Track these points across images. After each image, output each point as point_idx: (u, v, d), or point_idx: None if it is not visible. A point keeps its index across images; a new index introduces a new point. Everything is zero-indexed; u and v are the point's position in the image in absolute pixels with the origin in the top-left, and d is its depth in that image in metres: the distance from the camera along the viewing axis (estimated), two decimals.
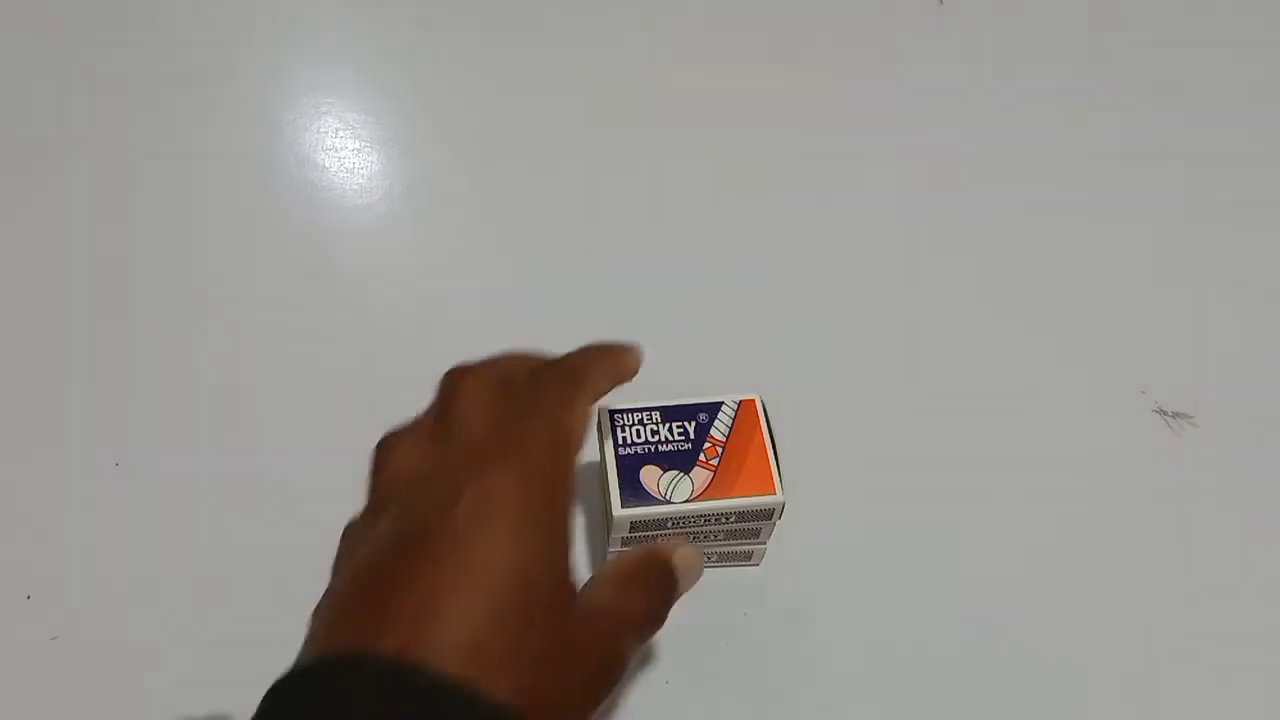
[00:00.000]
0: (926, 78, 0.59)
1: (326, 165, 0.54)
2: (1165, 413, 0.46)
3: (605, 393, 0.32)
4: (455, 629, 0.24)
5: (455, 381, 0.31)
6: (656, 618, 0.30)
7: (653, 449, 0.37)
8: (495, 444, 0.28)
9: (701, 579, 0.32)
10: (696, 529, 0.37)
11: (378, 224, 0.52)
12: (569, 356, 0.32)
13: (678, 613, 0.40)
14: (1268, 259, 0.52)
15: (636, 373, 0.34)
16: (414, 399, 0.43)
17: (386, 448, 0.30)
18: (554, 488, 0.27)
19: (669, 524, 0.37)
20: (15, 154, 0.53)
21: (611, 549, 0.38)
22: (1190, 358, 0.48)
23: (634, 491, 0.36)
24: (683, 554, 0.31)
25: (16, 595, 0.39)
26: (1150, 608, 0.41)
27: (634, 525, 0.36)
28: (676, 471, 0.37)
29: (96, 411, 0.44)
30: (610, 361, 0.33)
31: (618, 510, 0.36)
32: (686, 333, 0.48)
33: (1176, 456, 0.45)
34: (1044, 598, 0.41)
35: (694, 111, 0.57)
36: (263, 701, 0.23)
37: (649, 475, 0.36)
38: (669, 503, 0.36)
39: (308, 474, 0.42)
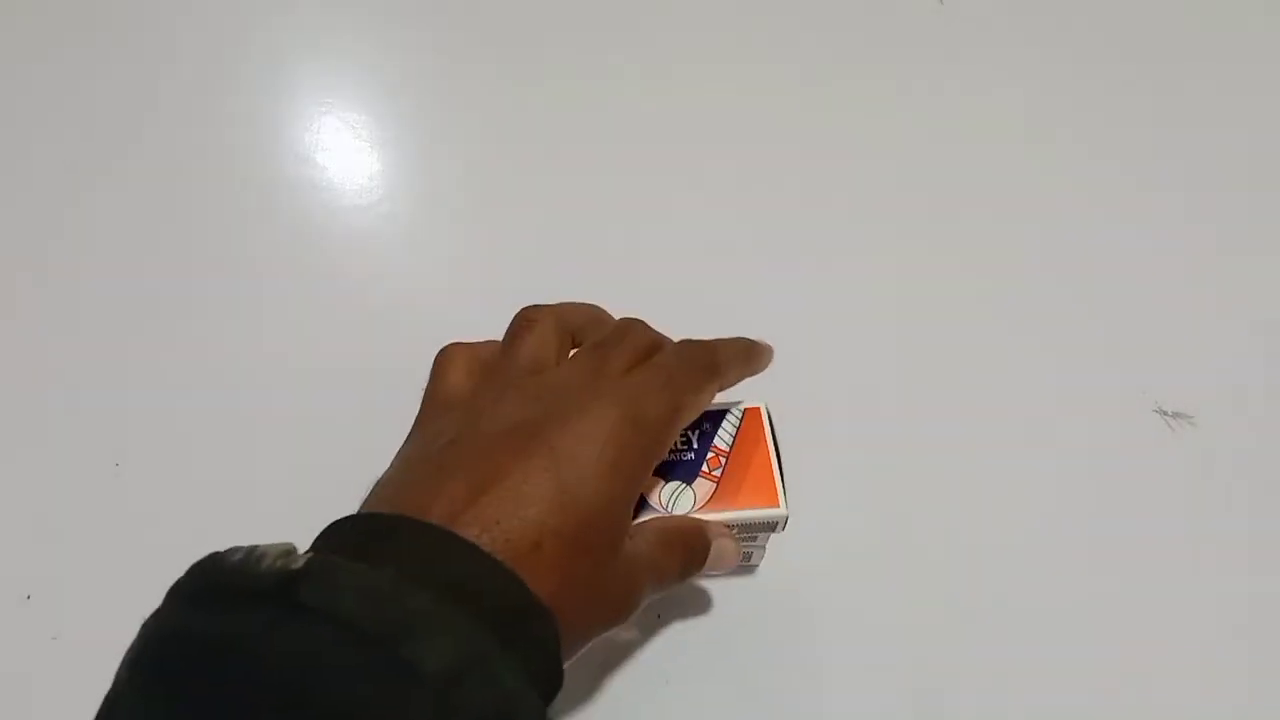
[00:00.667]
0: (926, 78, 0.59)
1: (326, 165, 0.54)
2: (1165, 413, 0.46)
3: (732, 387, 0.35)
4: (527, 528, 0.26)
5: (621, 328, 0.34)
6: (678, 580, 0.33)
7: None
8: (625, 387, 0.30)
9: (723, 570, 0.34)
10: None
11: (378, 224, 0.52)
12: (714, 345, 0.35)
13: (678, 614, 0.40)
14: (1268, 259, 0.52)
15: (765, 368, 0.37)
16: (414, 399, 0.43)
17: (447, 359, 0.34)
18: (648, 448, 0.30)
19: None
20: (13, 154, 0.53)
21: None
22: (1190, 358, 0.48)
23: (636, 504, 0.35)
24: (722, 544, 0.34)
25: (16, 595, 0.39)
26: (1150, 608, 0.41)
27: None
28: (679, 483, 0.36)
29: (96, 411, 0.44)
30: (746, 361, 0.36)
31: None
32: (696, 327, 0.48)
33: (1176, 456, 0.45)
34: (1043, 598, 0.41)
35: (694, 113, 0.57)
36: (320, 536, 0.26)
37: (651, 486, 0.35)
38: (670, 515, 0.35)
39: (308, 474, 0.42)
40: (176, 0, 0.60)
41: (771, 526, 0.37)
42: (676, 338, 0.36)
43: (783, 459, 0.37)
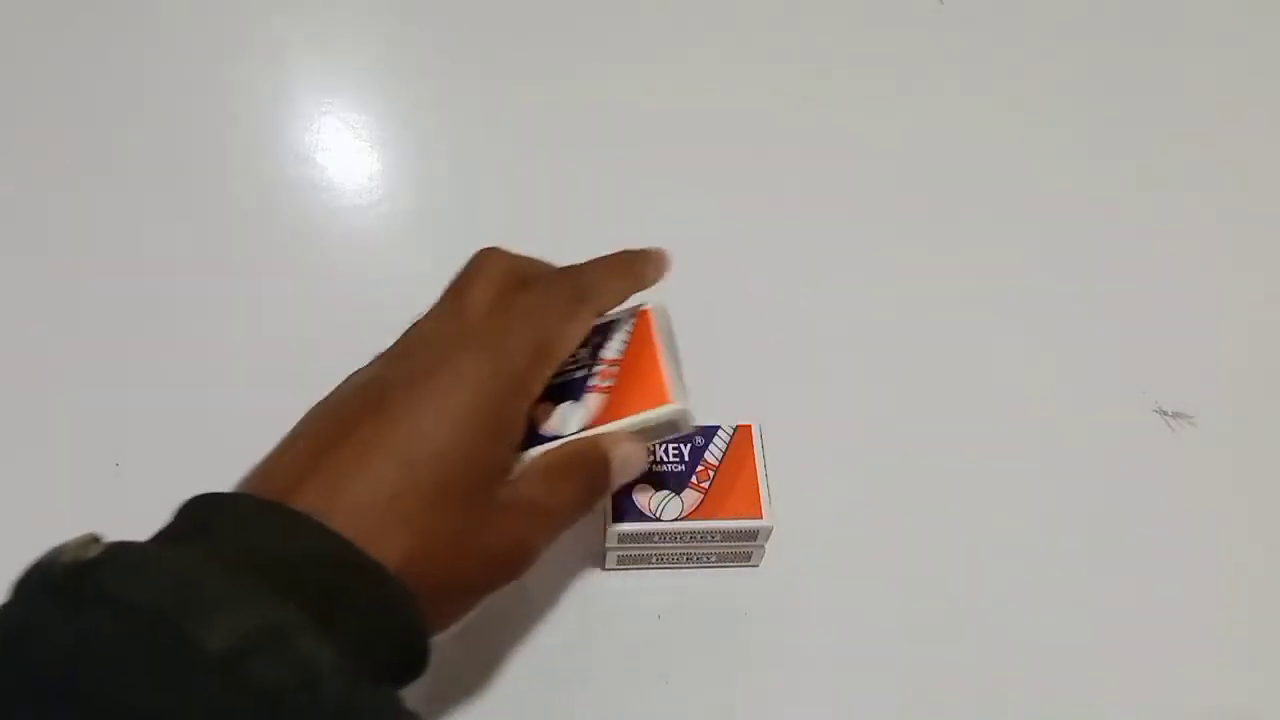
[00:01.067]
0: (926, 78, 0.59)
1: (326, 165, 0.54)
2: (1165, 413, 0.46)
3: (614, 306, 0.34)
4: (372, 488, 0.26)
5: (479, 261, 0.34)
6: (580, 510, 0.31)
7: (648, 468, 0.37)
8: (483, 333, 0.30)
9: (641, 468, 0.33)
10: (684, 545, 0.39)
11: (378, 224, 0.52)
12: (584, 269, 0.34)
13: (678, 614, 0.40)
14: (1268, 259, 0.52)
15: (656, 282, 0.35)
16: None
17: (454, 291, 0.33)
18: (518, 389, 0.30)
19: (655, 538, 0.38)
20: (13, 154, 0.53)
21: (609, 548, 0.39)
22: (1190, 358, 0.48)
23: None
24: (623, 450, 0.32)
25: None
26: (1150, 608, 0.41)
27: (623, 538, 0.38)
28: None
29: (96, 411, 0.44)
30: (625, 275, 0.34)
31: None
32: (687, 348, 0.48)
33: (1176, 456, 0.45)
34: (1043, 598, 0.41)
35: (693, 113, 0.56)
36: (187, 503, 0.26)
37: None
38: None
39: None
40: (177, 0, 0.60)
41: (753, 535, 0.38)
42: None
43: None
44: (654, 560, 0.40)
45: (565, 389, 0.34)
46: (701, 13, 0.62)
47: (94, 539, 0.24)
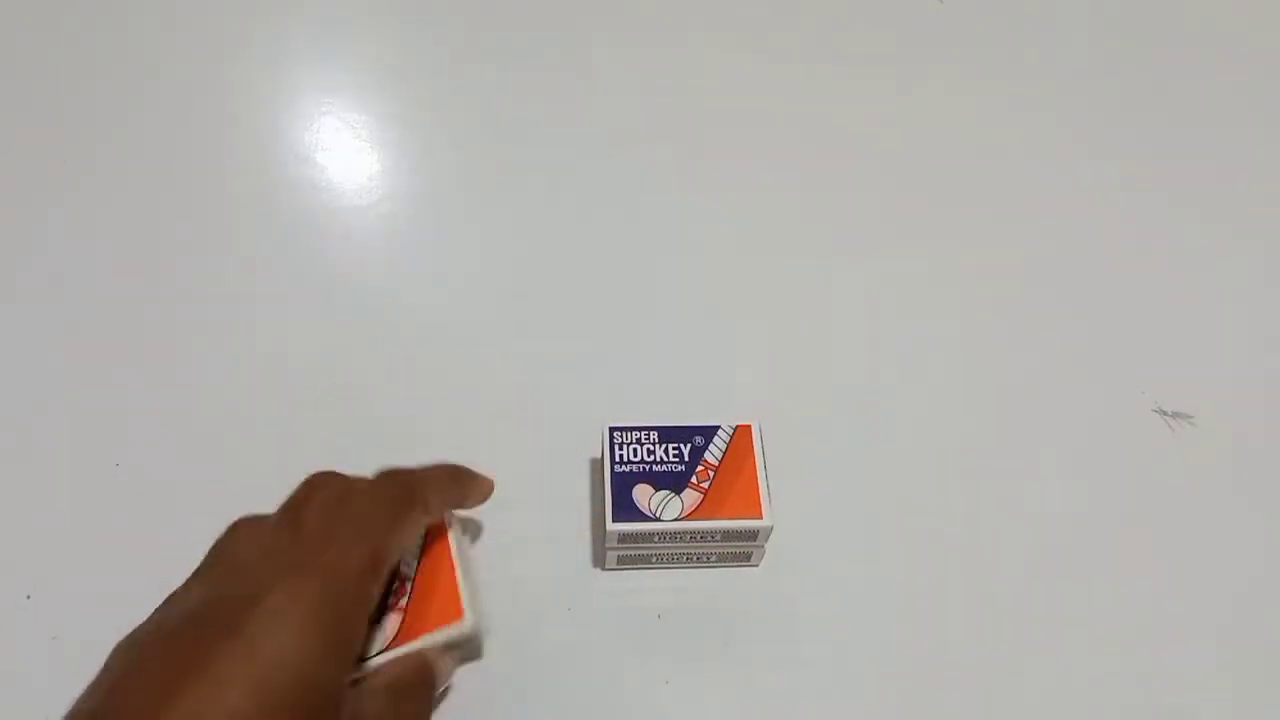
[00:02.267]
0: (926, 78, 0.59)
1: (326, 165, 0.54)
2: (1165, 413, 0.46)
3: (440, 516, 0.35)
4: (229, 716, 0.25)
5: (311, 485, 0.33)
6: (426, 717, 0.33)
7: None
8: (313, 553, 0.30)
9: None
10: (684, 545, 0.39)
11: (378, 224, 0.52)
12: (415, 474, 0.34)
13: (678, 614, 0.40)
14: (1268, 259, 0.52)
15: (483, 502, 0.37)
16: (413, 399, 0.43)
17: (234, 526, 0.33)
18: (353, 605, 0.30)
19: (655, 538, 0.38)
20: (13, 154, 0.53)
21: (609, 547, 0.39)
22: (1190, 358, 0.48)
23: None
24: (442, 664, 0.34)
25: (16, 595, 0.39)
26: (1149, 608, 0.41)
27: (623, 537, 0.38)
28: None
29: (96, 411, 0.44)
30: (455, 489, 0.36)
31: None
32: (688, 348, 0.48)
33: (1176, 456, 0.45)
34: (1043, 598, 0.41)
35: (693, 114, 0.56)
36: None
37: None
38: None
39: (307, 473, 0.42)
40: (177, 0, 0.60)
41: (753, 535, 0.39)
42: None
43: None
44: (654, 560, 0.40)
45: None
46: (701, 11, 0.62)
47: None
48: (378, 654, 0.33)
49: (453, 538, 0.36)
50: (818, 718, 0.38)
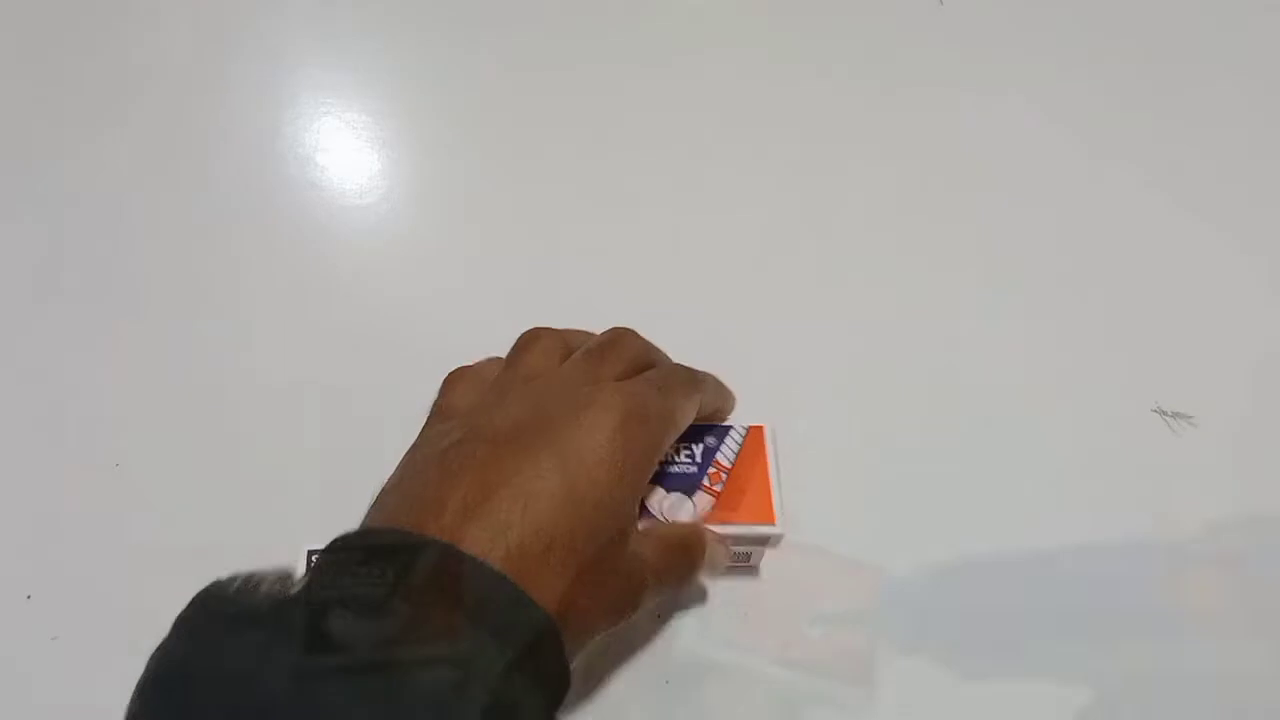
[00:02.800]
0: (926, 78, 0.59)
1: (326, 165, 0.54)
2: (1165, 413, 0.46)
3: (705, 412, 0.36)
4: (539, 531, 0.26)
5: (533, 337, 0.35)
6: (678, 588, 0.34)
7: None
8: (622, 392, 0.31)
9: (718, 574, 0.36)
10: None
11: (378, 224, 0.52)
12: (699, 372, 0.36)
13: (678, 614, 0.40)
14: (1268, 259, 0.52)
15: (725, 417, 0.39)
16: (414, 398, 0.43)
17: (454, 378, 0.35)
18: (654, 453, 0.31)
19: None
20: (13, 154, 0.53)
21: None
22: (1190, 358, 0.48)
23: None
24: (716, 550, 0.35)
25: (16, 595, 0.39)
26: (1149, 608, 0.41)
27: None
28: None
29: (96, 411, 0.44)
30: (720, 393, 0.38)
31: None
32: (699, 346, 0.48)
33: (1176, 456, 0.45)
34: (1043, 599, 0.41)
35: (692, 114, 0.56)
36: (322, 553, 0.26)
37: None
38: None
39: (308, 473, 0.42)
40: (177, 0, 0.60)
41: (764, 541, 0.38)
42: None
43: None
44: None
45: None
46: (700, 14, 0.62)
47: (287, 574, 0.25)
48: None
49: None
50: (817, 717, 0.38)
